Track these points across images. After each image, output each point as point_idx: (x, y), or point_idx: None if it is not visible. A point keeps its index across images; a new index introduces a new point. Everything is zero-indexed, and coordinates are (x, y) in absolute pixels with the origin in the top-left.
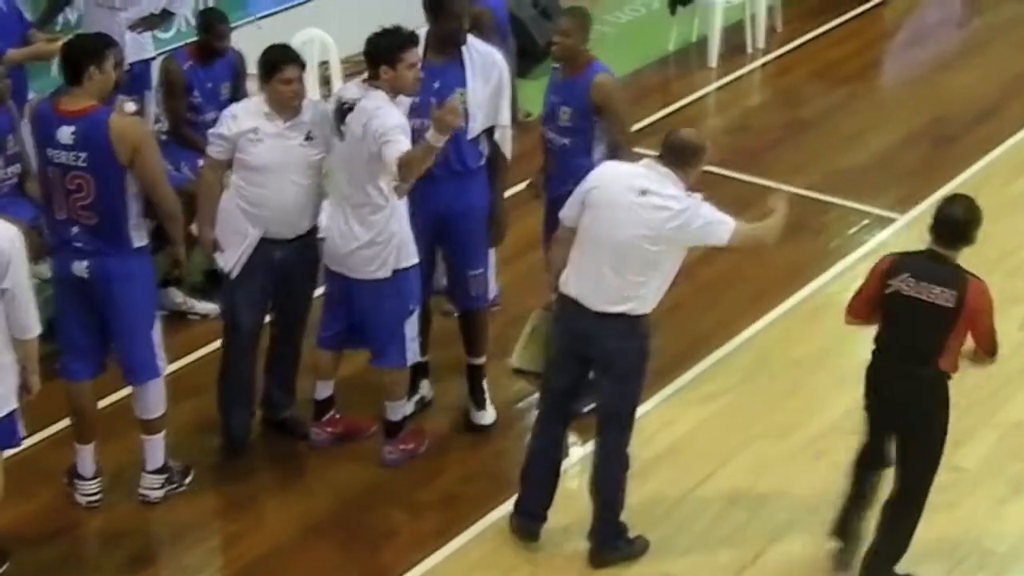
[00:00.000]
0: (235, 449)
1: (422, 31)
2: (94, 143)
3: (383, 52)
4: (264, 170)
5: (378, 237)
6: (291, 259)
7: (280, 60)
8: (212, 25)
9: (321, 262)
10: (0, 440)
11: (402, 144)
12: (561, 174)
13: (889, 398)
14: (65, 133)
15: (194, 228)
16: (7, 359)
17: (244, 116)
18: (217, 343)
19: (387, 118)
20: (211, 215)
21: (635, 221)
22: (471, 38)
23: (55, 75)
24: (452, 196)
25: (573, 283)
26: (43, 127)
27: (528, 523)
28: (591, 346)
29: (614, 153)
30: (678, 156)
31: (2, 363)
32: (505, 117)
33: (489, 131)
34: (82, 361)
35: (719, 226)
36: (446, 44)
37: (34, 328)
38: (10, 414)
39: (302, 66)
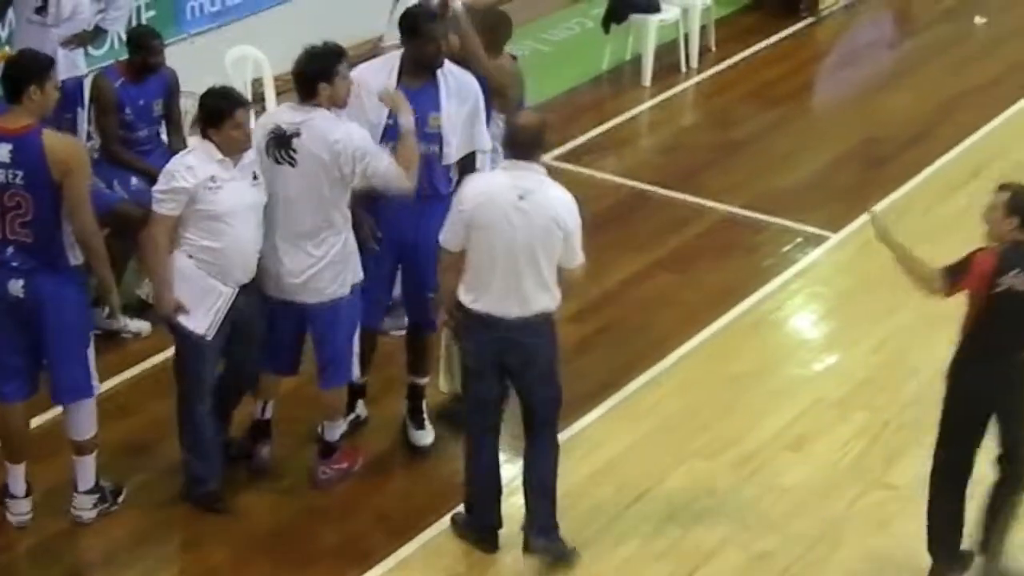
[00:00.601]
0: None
1: (395, 54)
2: (30, 161)
3: (321, 69)
4: (226, 217)
5: (338, 256)
6: (248, 302)
7: (231, 106)
8: (144, 42)
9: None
10: None
11: (384, 154)
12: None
13: (987, 390)
14: (3, 151)
15: (144, 290)
16: None
17: (199, 165)
18: (150, 362)
19: (354, 136)
20: (169, 278)
21: (532, 224)
22: (447, 63)
23: None
24: (418, 219)
25: (484, 300)
26: None
27: (489, 536)
28: (510, 353)
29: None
30: (530, 147)
31: None
32: (484, 142)
33: (464, 157)
34: (14, 382)
35: None
36: (421, 68)
37: None
38: None
39: (249, 107)
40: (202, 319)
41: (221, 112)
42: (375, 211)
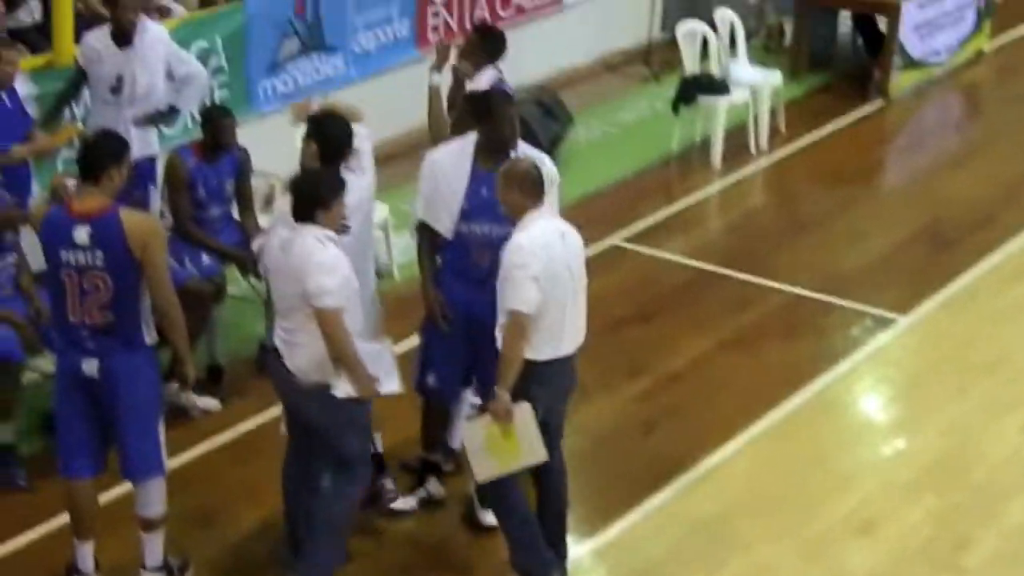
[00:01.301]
0: None
1: (470, 136)
2: (110, 242)
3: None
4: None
5: None
6: None
7: (342, 185)
8: (217, 121)
9: None
10: None
11: None
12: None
13: None
14: (81, 234)
15: (345, 390)
16: None
17: (339, 250)
18: (219, 438)
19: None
20: (362, 361)
21: (576, 258)
22: (521, 143)
23: (60, 168)
24: (489, 298)
25: (562, 346)
26: (56, 230)
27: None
28: (574, 382)
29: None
30: (543, 187)
31: None
32: None
33: None
34: (84, 459)
35: None
36: (495, 149)
37: None
38: None
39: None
40: (391, 379)
41: (336, 192)
42: (444, 289)
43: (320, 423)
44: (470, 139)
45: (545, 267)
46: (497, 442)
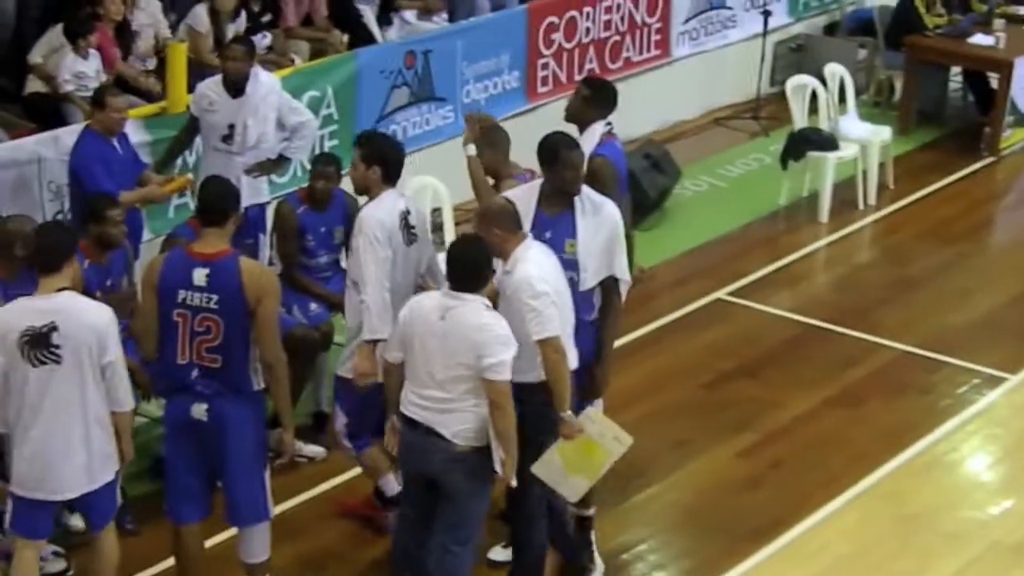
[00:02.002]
0: None
1: (535, 183)
2: (227, 286)
3: None
4: None
5: None
6: None
7: None
8: (325, 170)
9: None
10: (106, 507)
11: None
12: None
13: None
14: (200, 275)
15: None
16: (105, 432)
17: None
18: (323, 485)
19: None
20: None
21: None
22: (585, 188)
23: (172, 216)
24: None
25: (573, 357)
26: (176, 270)
27: None
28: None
29: None
30: (519, 219)
31: (99, 436)
32: (622, 269)
33: (603, 282)
34: (191, 503)
35: None
36: (559, 194)
37: (130, 401)
38: (111, 483)
39: None
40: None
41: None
42: None
43: (463, 488)
44: (535, 185)
45: (555, 289)
46: (576, 458)
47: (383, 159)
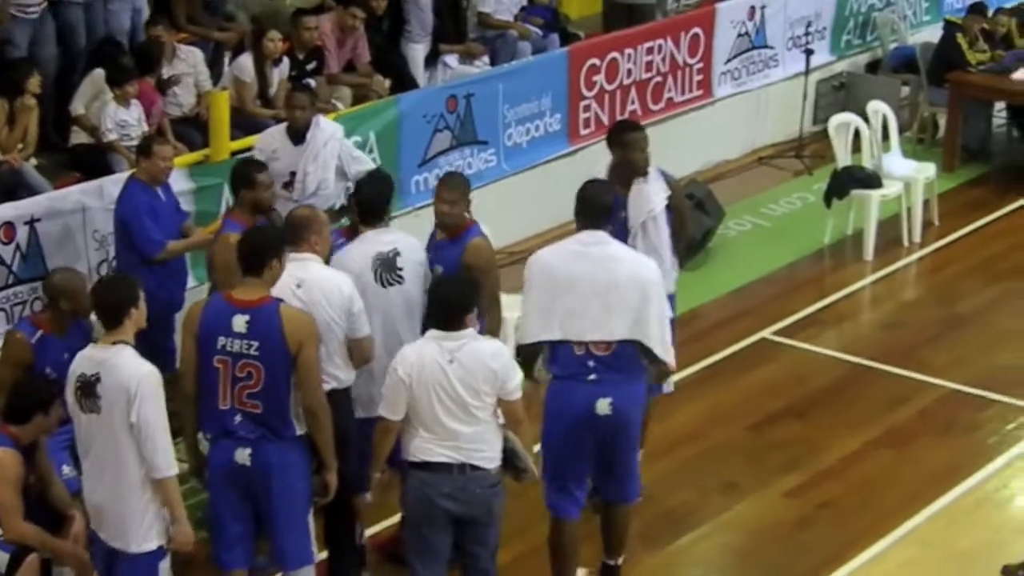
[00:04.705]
0: None
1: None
2: (268, 333)
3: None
4: None
5: None
6: None
7: None
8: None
9: None
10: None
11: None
12: None
13: None
14: (240, 322)
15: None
16: (142, 494)
17: None
18: (369, 530)
19: None
20: None
21: None
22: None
23: None
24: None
25: None
26: (216, 317)
27: None
28: None
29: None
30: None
31: (135, 496)
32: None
33: None
34: (236, 550)
35: None
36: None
37: (167, 468)
38: (153, 554)
39: None
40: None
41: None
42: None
43: (497, 510)
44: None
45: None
46: None
47: (358, 199)
